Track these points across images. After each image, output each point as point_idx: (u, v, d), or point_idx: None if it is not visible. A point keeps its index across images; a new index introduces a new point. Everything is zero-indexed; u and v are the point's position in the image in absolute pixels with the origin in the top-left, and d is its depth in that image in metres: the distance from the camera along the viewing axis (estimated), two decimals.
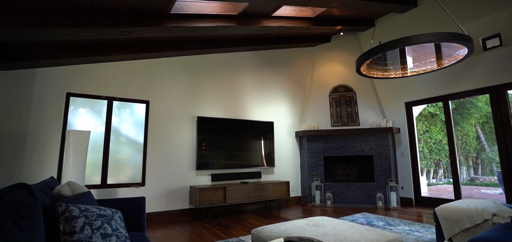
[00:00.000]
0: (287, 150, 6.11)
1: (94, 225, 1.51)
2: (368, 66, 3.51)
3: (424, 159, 10.46)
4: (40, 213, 1.20)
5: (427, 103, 5.64)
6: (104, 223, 1.57)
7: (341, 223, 2.47)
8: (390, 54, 3.37)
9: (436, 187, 8.70)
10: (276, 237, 2.21)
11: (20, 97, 3.73)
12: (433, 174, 11.24)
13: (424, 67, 3.51)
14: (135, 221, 2.31)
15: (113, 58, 4.22)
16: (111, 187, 4.22)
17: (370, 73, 3.59)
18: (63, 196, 1.75)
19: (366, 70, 3.50)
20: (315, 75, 6.49)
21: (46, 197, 1.63)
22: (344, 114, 6.07)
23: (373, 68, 3.61)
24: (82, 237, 1.43)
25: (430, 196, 6.48)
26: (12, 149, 3.64)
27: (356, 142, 5.85)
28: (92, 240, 1.45)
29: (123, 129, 4.48)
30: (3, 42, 3.32)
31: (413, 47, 3.19)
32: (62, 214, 1.45)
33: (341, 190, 5.77)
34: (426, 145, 10.28)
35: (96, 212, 1.59)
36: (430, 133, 10.21)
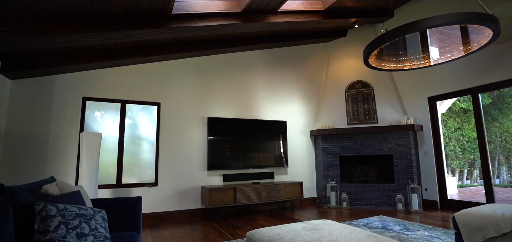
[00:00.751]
0: (301, 150, 5.94)
1: (70, 225, 1.53)
2: (378, 58, 3.27)
3: (456, 159, 9.66)
4: (7, 212, 1.23)
5: (452, 98, 5.16)
6: (82, 223, 1.59)
7: (341, 228, 2.31)
8: (409, 43, 3.10)
9: (469, 189, 7.97)
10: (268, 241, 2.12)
11: (41, 102, 3.99)
12: (467, 174, 10.34)
13: (443, 57, 3.20)
14: (130, 221, 2.34)
15: (124, 62, 4.37)
16: (126, 187, 4.37)
17: (381, 65, 3.34)
18: (50, 195, 1.81)
19: (376, 62, 3.27)
20: (330, 72, 6.25)
21: (32, 196, 1.69)
22: (361, 112, 5.77)
23: (384, 60, 3.36)
24: (55, 236, 1.45)
25: (459, 199, 5.97)
26: (36, 150, 3.90)
27: (374, 140, 5.53)
28: (66, 239, 1.47)
29: (137, 130, 4.63)
30: (21, 52, 3.57)
31: (438, 35, 2.91)
32: (39, 213, 1.49)
33: (358, 191, 5.48)
34: (458, 143, 9.48)
35: (75, 211, 1.61)
36: (463, 130, 9.39)
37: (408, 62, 3.32)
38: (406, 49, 3.27)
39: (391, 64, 3.35)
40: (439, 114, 5.44)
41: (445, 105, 7.20)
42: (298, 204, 5.69)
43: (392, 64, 3.36)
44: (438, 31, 2.90)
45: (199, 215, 4.76)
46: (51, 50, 3.70)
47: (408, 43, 3.17)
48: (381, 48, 3.09)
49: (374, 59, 3.13)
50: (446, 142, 9.88)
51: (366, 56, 2.90)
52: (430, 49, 3.23)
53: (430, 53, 3.28)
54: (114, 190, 4.28)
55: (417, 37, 3.04)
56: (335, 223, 2.47)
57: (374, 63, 3.18)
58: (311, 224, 2.42)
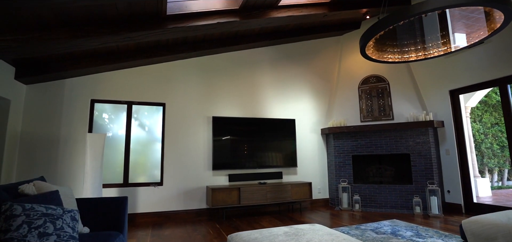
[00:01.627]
0: (312, 149, 5.72)
1: (33, 224, 1.56)
2: (380, 49, 3.01)
3: (494, 157, 8.75)
4: None
5: (477, 90, 4.65)
6: (47, 222, 1.61)
7: (326, 235, 2.14)
8: (428, 29, 2.81)
9: (506, 191, 7.15)
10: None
11: (53, 105, 4.23)
12: (509, 174, 9.33)
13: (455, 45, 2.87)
14: (114, 221, 2.36)
15: (128, 64, 4.49)
16: (132, 186, 4.50)
17: (383, 57, 3.08)
18: (26, 195, 1.86)
19: (377, 54, 3.01)
20: (343, 66, 5.94)
21: (7, 196, 1.75)
22: (375, 108, 5.42)
23: (387, 51, 3.09)
24: (15, 235, 1.48)
25: (491, 202, 5.38)
26: (49, 150, 4.14)
27: (390, 138, 5.16)
28: (26, 239, 1.50)
29: (142, 131, 4.75)
30: (33, 58, 3.80)
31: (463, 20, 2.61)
32: (4, 212, 1.53)
33: (372, 192, 5.15)
34: (495, 140, 8.58)
35: (42, 211, 1.64)
36: (501, 125, 8.49)
37: (415, 52, 3.02)
38: (413, 37, 2.97)
39: (395, 55, 3.07)
40: (464, 109, 4.93)
41: (475, 99, 6.55)
42: (308, 205, 5.49)
43: (397, 56, 3.08)
44: (451, 16, 2.60)
45: (204, 215, 4.77)
46: (59, 55, 3.90)
47: (415, 31, 2.88)
48: (383, 37, 2.84)
49: (373, 50, 2.88)
50: (481, 138, 9.01)
51: (363, 46, 2.67)
52: (457, 37, 2.91)
53: (451, 41, 2.95)
54: (121, 189, 4.42)
55: (424, 23, 2.75)
56: (323, 228, 2.30)
57: (374, 55, 2.93)
58: (296, 229, 2.28)
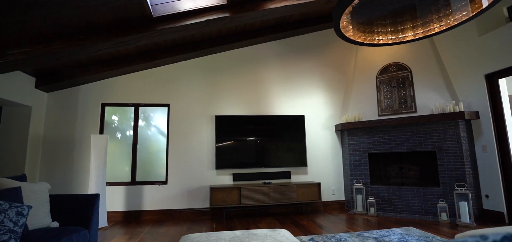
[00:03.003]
0: (324, 147, 5.32)
1: None
2: (366, 29, 2.62)
3: None
4: None
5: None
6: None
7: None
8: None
9: None
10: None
11: (69, 110, 4.65)
12: None
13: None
14: (82, 217, 2.45)
15: (132, 68, 4.71)
16: (138, 184, 4.71)
17: (374, 39, 2.67)
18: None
19: (362, 36, 2.62)
20: (359, 56, 5.42)
21: None
22: (395, 100, 4.81)
23: (379, 31, 2.67)
24: None
25: None
26: (66, 151, 4.56)
27: (412, 133, 4.52)
28: None
29: (149, 131, 4.94)
30: (50, 69, 4.22)
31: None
32: None
33: (391, 195, 4.58)
34: None
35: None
36: None
37: (412, 30, 2.55)
38: (406, 12, 2.52)
39: (387, 35, 2.64)
40: (505, 96, 4.06)
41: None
42: (321, 207, 5.11)
43: (390, 36, 2.64)
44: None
45: (207, 215, 4.76)
46: (70, 64, 4.26)
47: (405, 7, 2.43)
48: (369, 14, 2.46)
49: (355, 30, 2.51)
50: None
51: (336, 24, 2.33)
52: None
53: None
54: (128, 187, 4.65)
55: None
56: (284, 235, 2.07)
57: (358, 36, 2.54)
58: (249, 233, 2.09)
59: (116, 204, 4.56)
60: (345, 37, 2.48)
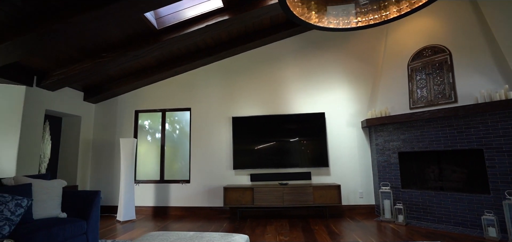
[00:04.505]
0: (349, 146, 4.86)
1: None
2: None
3: None
4: None
5: None
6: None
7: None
8: None
9: None
10: None
11: (110, 118, 5.42)
12: None
13: None
14: (83, 211, 2.85)
15: (157, 78, 5.19)
16: (166, 183, 5.16)
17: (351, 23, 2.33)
18: (4, 185, 2.55)
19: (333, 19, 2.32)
20: (389, 43, 4.77)
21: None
22: (430, 89, 4.07)
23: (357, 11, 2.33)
24: None
25: None
26: (109, 153, 5.33)
27: (451, 128, 3.76)
28: None
29: (174, 134, 5.37)
30: (93, 83, 5.01)
31: None
32: None
33: (427, 201, 3.89)
34: None
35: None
36: None
37: (396, 5, 2.14)
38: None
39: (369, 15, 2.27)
40: None
41: None
42: (345, 211, 4.68)
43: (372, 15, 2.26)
44: None
45: (226, 213, 4.90)
46: (106, 78, 4.97)
47: None
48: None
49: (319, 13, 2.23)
50: None
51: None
52: None
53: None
54: (157, 184, 5.14)
55: None
56: (229, 238, 2.01)
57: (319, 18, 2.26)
58: (201, 236, 2.10)
59: (147, 200, 5.11)
60: (299, 20, 2.21)
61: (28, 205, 2.40)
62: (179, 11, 3.95)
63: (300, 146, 4.87)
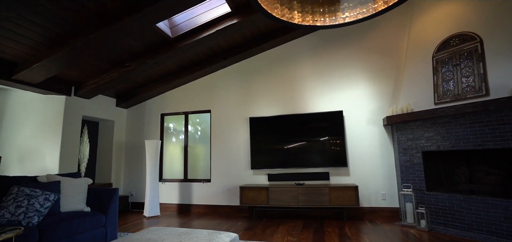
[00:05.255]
0: (370, 145, 4.62)
1: (17, 200, 2.55)
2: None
3: None
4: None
5: None
6: (24, 200, 2.57)
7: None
8: None
9: None
10: None
11: (139, 121, 5.90)
12: None
13: None
14: (103, 206, 3.19)
15: (179, 82, 5.51)
16: (189, 181, 5.46)
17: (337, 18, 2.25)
18: (38, 182, 2.97)
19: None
20: (413, 33, 4.43)
21: (29, 181, 2.89)
22: (457, 82, 3.68)
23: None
24: (4, 205, 2.50)
25: None
26: (139, 153, 5.82)
27: (482, 125, 3.36)
28: (9, 208, 2.49)
29: (196, 135, 5.64)
30: (123, 91, 5.52)
31: None
32: (10, 192, 2.62)
33: (455, 206, 3.53)
34: None
35: (26, 192, 2.63)
36: None
37: None
38: None
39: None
40: None
41: None
42: (366, 214, 4.46)
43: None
44: None
45: (244, 212, 5.00)
46: (134, 85, 5.43)
47: None
48: None
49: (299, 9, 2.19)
50: None
51: None
52: None
53: None
54: (181, 183, 5.46)
55: None
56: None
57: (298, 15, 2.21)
58: (190, 232, 2.22)
59: (172, 197, 5.46)
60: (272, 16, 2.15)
61: (54, 199, 2.77)
62: (191, 18, 4.16)
63: (318, 145, 4.76)
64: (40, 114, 4.50)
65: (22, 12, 2.90)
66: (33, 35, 3.27)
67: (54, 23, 3.15)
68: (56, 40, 3.40)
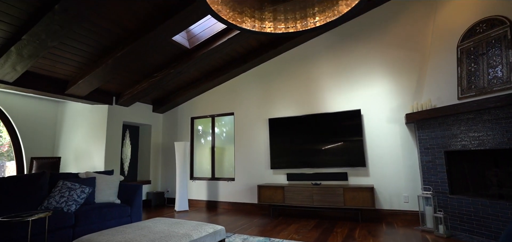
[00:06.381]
0: (391, 144, 4.38)
1: (61, 191, 3.19)
2: None
3: None
4: (45, 180, 3.09)
5: None
6: (66, 191, 3.20)
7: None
8: None
9: None
10: None
11: (173, 125, 6.54)
12: None
13: None
14: (129, 199, 3.72)
15: (205, 87, 5.95)
16: (216, 180, 5.87)
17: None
18: (79, 177, 3.62)
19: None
20: (438, 21, 4.08)
21: (73, 177, 3.55)
22: (482, 74, 3.31)
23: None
24: (51, 195, 3.15)
25: None
26: (173, 155, 6.45)
27: (508, 121, 2.98)
28: (55, 197, 3.13)
29: (222, 137, 6.03)
30: (157, 97, 6.20)
31: None
32: (56, 185, 3.28)
33: (481, 211, 3.19)
34: None
35: (68, 185, 3.26)
36: None
37: None
38: None
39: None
40: None
41: None
42: (385, 216, 4.25)
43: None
44: None
45: (264, 210, 5.19)
46: (167, 92, 6.06)
47: None
48: None
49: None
50: None
51: None
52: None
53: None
54: (209, 181, 5.90)
55: None
56: (209, 231, 2.36)
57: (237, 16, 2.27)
58: (183, 223, 2.52)
59: (201, 194, 5.93)
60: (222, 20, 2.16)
61: (89, 192, 3.37)
62: (208, 28, 4.51)
63: (335, 145, 4.70)
64: (89, 121, 5.38)
65: (66, 41, 3.59)
66: (76, 57, 3.98)
67: (90, 46, 3.80)
68: (93, 60, 4.09)
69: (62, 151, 5.73)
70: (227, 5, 2.02)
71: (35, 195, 3.08)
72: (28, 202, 3.00)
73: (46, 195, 3.22)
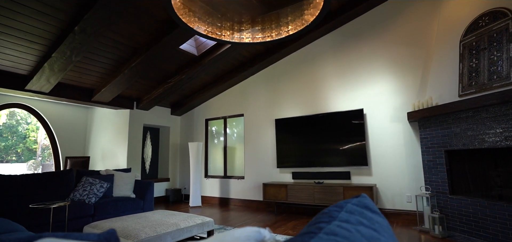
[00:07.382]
0: (394, 143, 4.34)
1: (84, 186, 3.70)
2: None
3: None
4: (72, 176, 3.64)
5: None
6: (87, 186, 3.70)
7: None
8: None
9: None
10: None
11: (189, 126, 6.98)
12: None
13: None
14: (143, 194, 4.15)
15: (217, 90, 6.28)
16: (228, 178, 6.19)
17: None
18: (100, 174, 4.12)
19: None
20: (443, 16, 3.96)
21: (97, 174, 4.07)
22: (482, 69, 3.19)
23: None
24: (77, 189, 3.67)
25: None
26: (187, 154, 6.88)
27: (508, 118, 2.87)
28: (79, 190, 3.64)
29: (233, 137, 6.33)
30: (175, 101, 6.68)
31: None
32: (81, 181, 3.81)
33: (479, 212, 3.10)
34: None
35: (90, 181, 3.76)
36: None
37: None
38: None
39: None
40: None
41: None
42: (389, 216, 4.21)
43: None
44: None
45: (271, 207, 5.39)
46: (183, 96, 6.51)
47: None
48: None
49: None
50: None
51: None
52: None
53: None
54: (222, 179, 6.24)
55: None
56: (197, 222, 2.64)
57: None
58: (177, 214, 2.83)
59: (214, 192, 6.29)
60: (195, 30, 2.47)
61: (107, 187, 3.85)
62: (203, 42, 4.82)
63: (338, 144, 4.74)
64: (113, 124, 5.99)
65: (88, 55, 4.12)
66: (98, 69, 4.53)
67: (108, 59, 4.31)
68: (112, 70, 4.61)
69: (91, 150, 6.45)
70: (205, 22, 2.27)
71: (64, 188, 3.62)
72: (58, 194, 3.54)
73: (72, 189, 3.75)
